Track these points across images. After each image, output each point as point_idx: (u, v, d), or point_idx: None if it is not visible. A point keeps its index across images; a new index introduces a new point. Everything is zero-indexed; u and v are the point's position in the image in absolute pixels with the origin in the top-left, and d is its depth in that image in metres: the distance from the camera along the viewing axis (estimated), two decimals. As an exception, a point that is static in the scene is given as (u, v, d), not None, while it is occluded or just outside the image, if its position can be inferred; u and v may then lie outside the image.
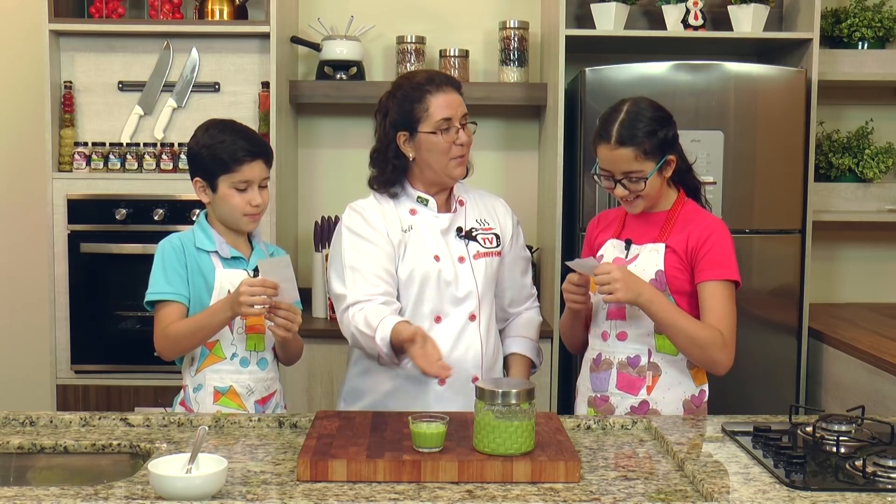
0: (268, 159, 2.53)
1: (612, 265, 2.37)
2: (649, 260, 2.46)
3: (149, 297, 2.49)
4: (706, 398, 2.50)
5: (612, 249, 2.54)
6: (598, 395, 2.52)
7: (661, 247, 2.46)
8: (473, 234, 2.59)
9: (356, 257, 2.50)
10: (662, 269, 2.44)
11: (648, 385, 2.45)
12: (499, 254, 2.62)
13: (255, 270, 2.51)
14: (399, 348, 2.34)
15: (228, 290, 2.46)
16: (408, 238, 2.53)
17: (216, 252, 2.51)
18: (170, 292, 2.46)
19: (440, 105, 2.48)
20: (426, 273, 2.51)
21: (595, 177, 2.51)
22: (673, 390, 2.46)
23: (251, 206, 2.48)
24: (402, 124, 2.50)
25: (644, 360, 2.46)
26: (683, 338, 2.40)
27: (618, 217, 2.61)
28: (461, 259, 2.56)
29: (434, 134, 2.48)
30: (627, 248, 2.51)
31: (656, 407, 2.45)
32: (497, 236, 2.63)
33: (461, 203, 2.62)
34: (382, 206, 2.57)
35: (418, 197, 2.57)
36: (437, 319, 2.53)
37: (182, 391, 2.55)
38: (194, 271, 2.48)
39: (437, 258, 2.53)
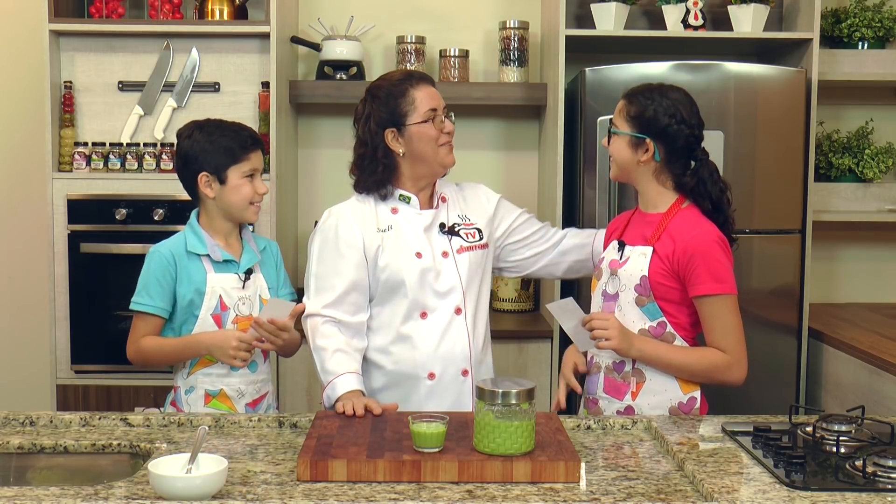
0: (264, 149, 2.64)
1: (610, 315, 2.40)
2: (636, 264, 2.44)
3: (132, 305, 2.57)
4: (697, 405, 2.46)
5: (612, 251, 2.54)
6: (590, 398, 2.54)
7: (649, 250, 2.43)
8: (456, 229, 2.61)
9: (320, 266, 2.55)
10: (647, 274, 2.41)
11: (633, 391, 2.45)
12: (483, 246, 2.65)
13: (247, 273, 2.56)
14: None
15: (220, 295, 2.52)
16: (386, 238, 2.54)
17: (207, 256, 2.53)
18: (149, 305, 2.54)
19: (425, 97, 2.54)
20: (407, 271, 2.53)
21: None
22: (658, 397, 2.44)
23: (257, 195, 2.56)
24: (389, 121, 2.53)
25: (628, 366, 2.46)
26: (683, 374, 2.44)
27: (625, 218, 2.61)
28: (444, 254, 2.58)
29: (424, 123, 2.52)
30: (621, 249, 2.50)
31: (641, 413, 2.44)
32: (479, 230, 2.65)
33: (443, 199, 2.64)
34: (363, 208, 2.57)
35: (400, 195, 2.58)
36: (423, 315, 2.55)
37: (174, 391, 2.59)
38: (183, 279, 2.52)
39: (419, 255, 2.54)
